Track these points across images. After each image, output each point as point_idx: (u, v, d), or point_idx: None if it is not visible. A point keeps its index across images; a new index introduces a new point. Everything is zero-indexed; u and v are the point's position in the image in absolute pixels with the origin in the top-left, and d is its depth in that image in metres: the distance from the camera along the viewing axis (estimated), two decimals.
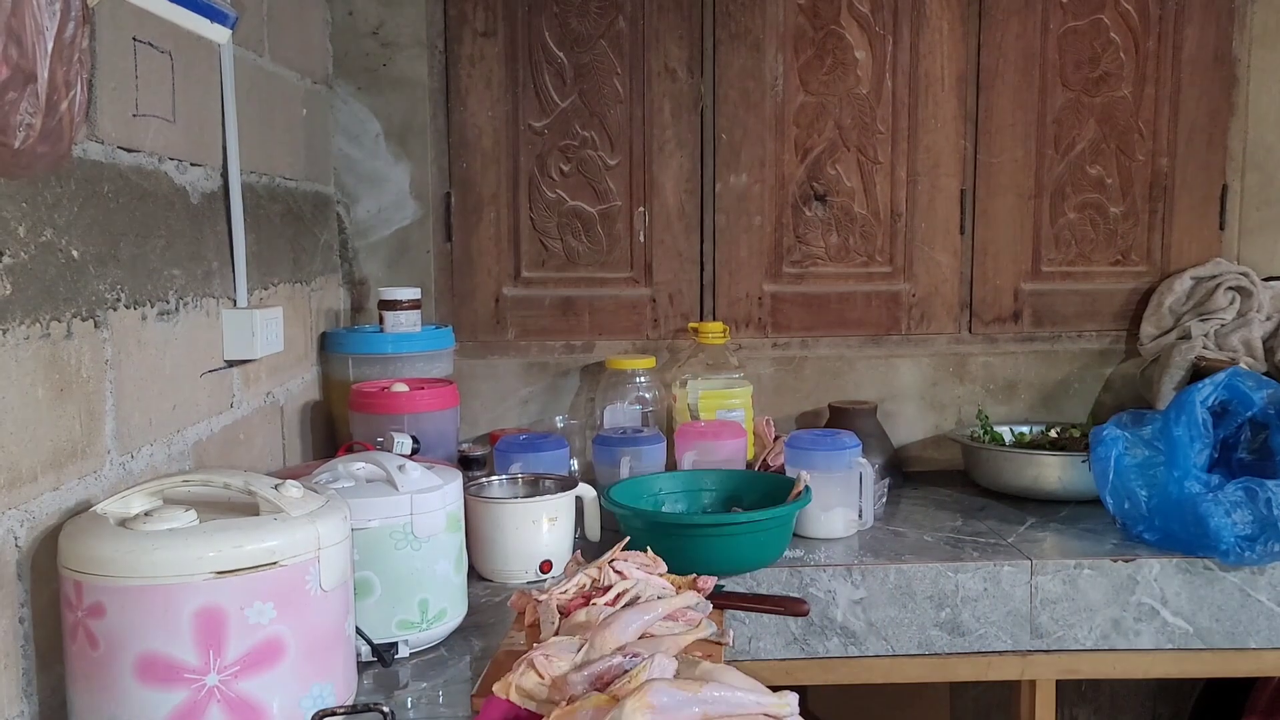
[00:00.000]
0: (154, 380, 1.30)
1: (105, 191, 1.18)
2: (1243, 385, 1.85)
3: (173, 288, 1.36)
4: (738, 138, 2.30)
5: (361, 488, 1.33)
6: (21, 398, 1.01)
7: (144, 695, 0.99)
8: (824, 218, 2.35)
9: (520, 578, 1.60)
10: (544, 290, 2.32)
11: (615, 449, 1.94)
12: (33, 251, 1.03)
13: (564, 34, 2.26)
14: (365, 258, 2.25)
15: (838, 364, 2.36)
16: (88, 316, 1.14)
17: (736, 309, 2.34)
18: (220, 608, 1.00)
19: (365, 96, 2.21)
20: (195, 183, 1.44)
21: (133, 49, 1.25)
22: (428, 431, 1.79)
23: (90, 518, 1.06)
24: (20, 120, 0.90)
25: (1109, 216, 2.39)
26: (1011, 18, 2.31)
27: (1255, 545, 1.70)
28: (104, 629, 0.99)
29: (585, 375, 2.34)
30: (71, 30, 0.96)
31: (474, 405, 2.28)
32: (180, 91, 1.38)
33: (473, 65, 2.25)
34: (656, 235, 2.32)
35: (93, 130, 1.15)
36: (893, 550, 1.81)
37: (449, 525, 1.36)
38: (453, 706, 1.23)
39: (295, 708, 1.05)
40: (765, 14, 2.27)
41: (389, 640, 1.31)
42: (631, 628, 1.24)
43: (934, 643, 1.74)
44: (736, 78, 2.29)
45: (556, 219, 2.31)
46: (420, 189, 2.25)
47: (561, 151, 2.29)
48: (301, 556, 1.06)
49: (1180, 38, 2.35)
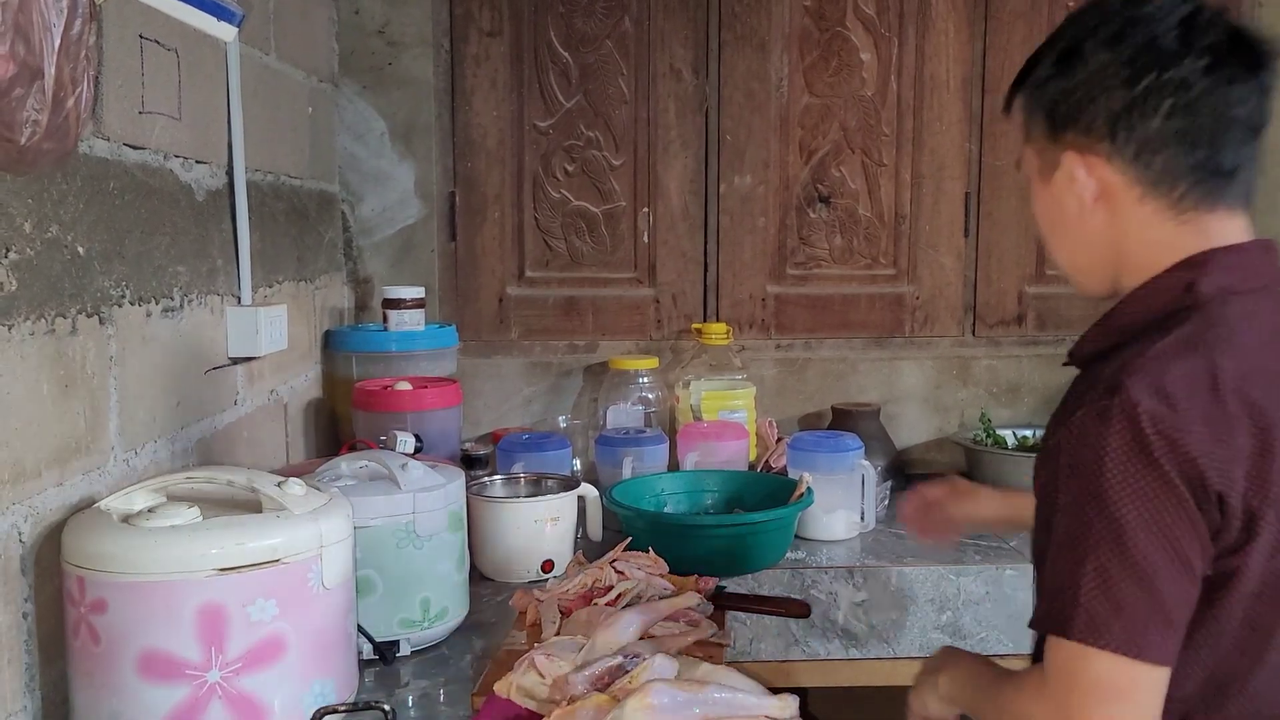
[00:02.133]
0: (158, 377, 1.30)
1: (111, 188, 1.18)
2: None
3: (177, 285, 1.36)
4: (742, 139, 2.30)
5: (364, 486, 1.33)
6: (26, 393, 1.01)
7: (146, 691, 0.99)
8: (828, 219, 2.34)
9: (522, 577, 1.61)
10: (547, 290, 2.33)
11: (618, 449, 1.94)
12: (38, 247, 1.04)
13: (569, 34, 2.26)
14: (369, 256, 2.26)
15: (840, 366, 2.36)
16: (93, 313, 1.14)
17: (740, 310, 2.34)
18: (222, 604, 1.00)
19: (370, 95, 2.22)
20: (200, 180, 1.44)
21: (139, 46, 1.25)
22: (430, 430, 1.79)
23: (94, 513, 1.06)
24: (27, 117, 0.90)
25: None
26: (1017, 20, 2.31)
27: None
28: (106, 625, 0.99)
29: (588, 375, 2.34)
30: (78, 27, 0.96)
31: (477, 404, 2.28)
32: (186, 89, 1.38)
33: (478, 65, 2.25)
34: (660, 236, 2.32)
35: (99, 127, 1.16)
36: (894, 553, 1.81)
37: (451, 524, 1.37)
38: (453, 705, 1.23)
39: (296, 705, 1.05)
40: (771, 15, 2.27)
41: (390, 638, 1.32)
42: (632, 628, 1.24)
43: (935, 645, 1.74)
44: (741, 79, 2.29)
45: (560, 219, 2.31)
46: (425, 188, 2.25)
47: (566, 151, 2.29)
48: (304, 554, 1.06)
49: None
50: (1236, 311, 0.94)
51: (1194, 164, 0.95)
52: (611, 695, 1.05)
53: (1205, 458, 0.87)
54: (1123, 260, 1.00)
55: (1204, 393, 0.88)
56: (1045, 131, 1.01)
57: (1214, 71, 0.93)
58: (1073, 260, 1.05)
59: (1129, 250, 0.99)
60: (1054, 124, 1.00)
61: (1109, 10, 0.97)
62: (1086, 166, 0.98)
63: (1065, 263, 1.06)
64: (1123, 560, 0.87)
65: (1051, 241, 1.06)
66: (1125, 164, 0.96)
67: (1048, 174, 1.02)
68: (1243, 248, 0.97)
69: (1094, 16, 0.98)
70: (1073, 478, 0.90)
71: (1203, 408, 0.88)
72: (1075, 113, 0.97)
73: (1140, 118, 0.94)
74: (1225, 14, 0.95)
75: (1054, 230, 1.05)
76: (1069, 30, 1.00)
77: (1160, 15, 0.94)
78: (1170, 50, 0.93)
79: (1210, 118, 0.94)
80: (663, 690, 1.01)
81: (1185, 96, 0.93)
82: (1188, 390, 0.88)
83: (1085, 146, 0.98)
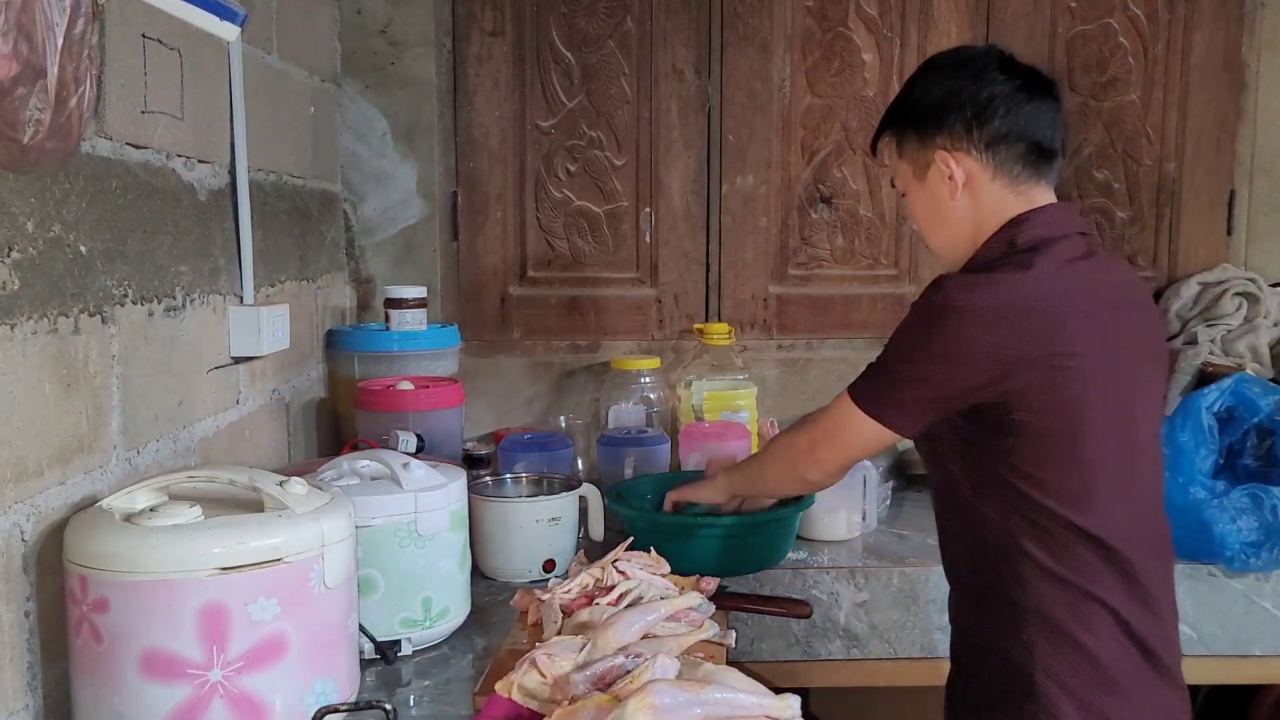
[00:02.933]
0: (160, 376, 1.30)
1: (113, 188, 1.19)
2: (1249, 391, 1.84)
3: (179, 284, 1.36)
4: (744, 139, 2.30)
5: (366, 485, 1.33)
6: (29, 393, 1.01)
7: (147, 690, 0.99)
8: (830, 220, 2.34)
9: (523, 577, 1.61)
10: (550, 290, 2.33)
11: (619, 449, 1.94)
12: (41, 247, 1.04)
13: (572, 34, 2.26)
14: (371, 256, 2.26)
15: (842, 366, 2.36)
16: (95, 312, 1.14)
17: (742, 310, 2.34)
18: (224, 604, 1.00)
19: (373, 95, 2.22)
20: (203, 180, 1.44)
21: (142, 46, 1.25)
22: (432, 430, 1.80)
23: (96, 513, 1.06)
24: (29, 116, 0.90)
25: (1116, 221, 2.39)
26: (1020, 21, 2.31)
27: (1260, 552, 1.70)
28: (108, 624, 1.00)
29: (590, 375, 2.34)
30: (81, 27, 0.96)
31: (479, 404, 2.28)
32: (189, 88, 1.38)
33: (480, 65, 2.25)
34: (662, 236, 2.32)
35: (101, 127, 1.16)
36: (896, 553, 1.81)
37: (453, 524, 1.37)
38: (455, 705, 1.23)
39: (298, 704, 1.05)
40: (773, 15, 2.27)
41: (392, 638, 1.32)
42: (634, 628, 1.24)
43: (937, 646, 1.74)
44: (744, 79, 2.29)
45: (563, 219, 2.31)
46: (427, 188, 2.26)
47: (568, 151, 2.29)
48: (305, 553, 1.06)
49: (1189, 42, 2.34)
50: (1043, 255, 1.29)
51: (1022, 151, 1.33)
52: (613, 695, 1.05)
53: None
54: (979, 229, 1.36)
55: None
56: (917, 143, 1.37)
57: (1025, 90, 1.33)
58: (946, 239, 1.40)
59: (983, 219, 1.35)
60: (923, 135, 1.36)
61: (945, 60, 1.39)
62: (955, 159, 1.34)
63: (940, 243, 1.42)
64: (902, 368, 1.32)
65: (929, 229, 1.42)
66: (980, 154, 1.34)
67: (922, 174, 1.38)
68: (1051, 207, 1.36)
69: (936, 66, 1.39)
70: (909, 322, 1.33)
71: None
72: (939, 123, 1.34)
73: (986, 120, 1.32)
74: (1017, 58, 1.37)
75: (930, 218, 1.40)
76: (921, 78, 1.39)
77: (984, 57, 1.35)
78: (997, 78, 1.33)
79: (1029, 120, 1.33)
80: (664, 690, 1.01)
81: (1011, 105, 1.32)
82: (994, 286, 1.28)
83: (951, 145, 1.34)
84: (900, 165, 1.42)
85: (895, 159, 1.43)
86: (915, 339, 1.30)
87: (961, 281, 1.29)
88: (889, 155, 1.44)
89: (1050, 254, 1.28)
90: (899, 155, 1.42)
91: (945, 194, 1.36)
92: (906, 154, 1.40)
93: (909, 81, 1.42)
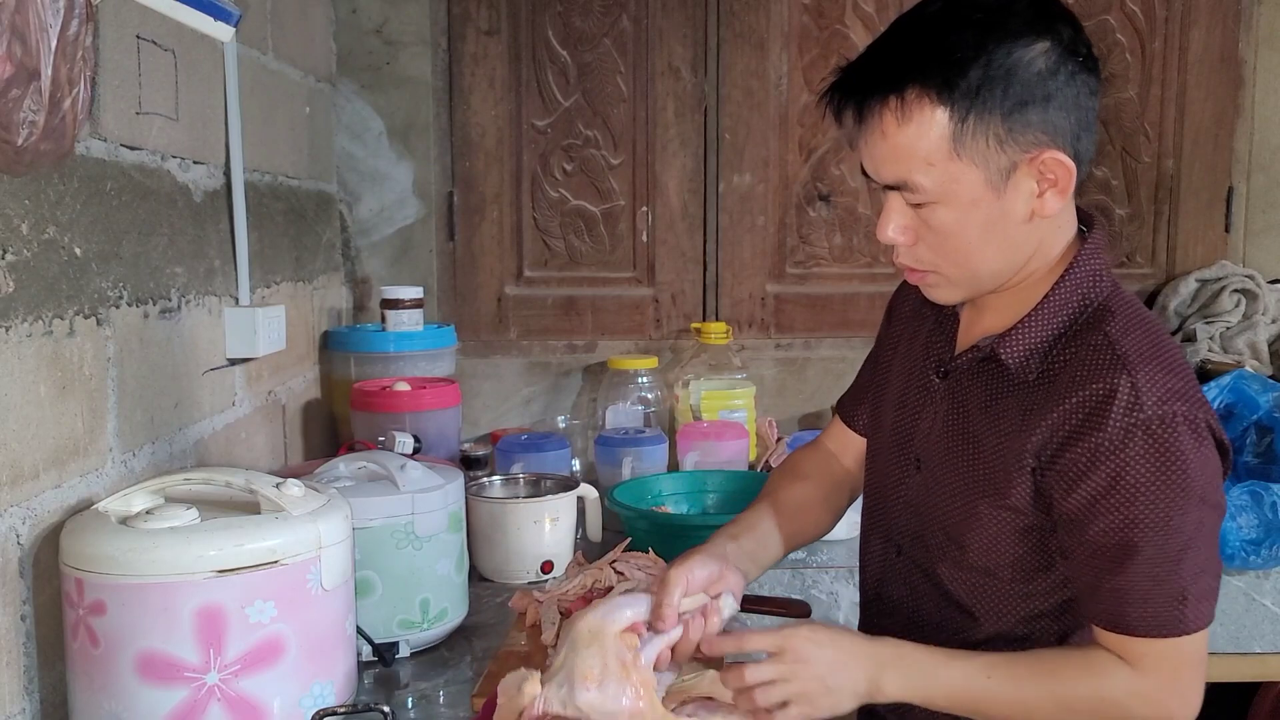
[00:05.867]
0: (156, 378, 1.30)
1: (108, 189, 1.18)
2: (1248, 388, 1.84)
3: (175, 286, 1.35)
4: (741, 137, 2.30)
5: (363, 487, 1.33)
6: (24, 395, 1.01)
7: (144, 693, 0.99)
8: (828, 218, 2.34)
9: (521, 578, 1.60)
10: (546, 290, 2.32)
11: (617, 449, 1.93)
12: (35, 249, 1.03)
13: (567, 33, 2.25)
14: (367, 256, 2.25)
15: (841, 365, 2.35)
16: (90, 314, 1.14)
17: (739, 309, 2.34)
18: (221, 606, 1.00)
19: (368, 95, 2.21)
20: (198, 181, 1.44)
21: (136, 47, 1.25)
22: (429, 431, 1.79)
23: (92, 515, 1.06)
24: (24, 117, 0.90)
25: (1114, 218, 2.38)
26: None
27: (1260, 549, 1.70)
28: (105, 627, 0.99)
29: (587, 375, 2.33)
30: (75, 28, 0.96)
31: (476, 405, 2.28)
32: (183, 89, 1.38)
33: (476, 64, 2.25)
34: (659, 235, 2.31)
35: (96, 128, 1.15)
36: None
37: (450, 525, 1.36)
38: (453, 706, 1.23)
39: (295, 706, 1.05)
40: (769, 13, 2.27)
41: (390, 640, 1.31)
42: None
43: None
44: (740, 77, 2.28)
45: (559, 218, 2.30)
46: (423, 188, 2.25)
47: (564, 151, 2.28)
48: (302, 555, 1.05)
49: (1186, 39, 2.34)
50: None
51: (1092, 142, 1.03)
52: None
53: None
54: (1039, 250, 1.06)
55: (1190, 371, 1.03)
56: (1002, 134, 0.98)
57: (1082, 72, 1.00)
58: (994, 265, 1.05)
59: (1046, 238, 1.05)
60: (1017, 126, 0.98)
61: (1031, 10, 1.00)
62: (1056, 160, 0.99)
63: (986, 269, 1.05)
64: (1211, 555, 1.02)
65: (980, 251, 1.03)
66: (1070, 150, 1.00)
67: (1000, 182, 0.99)
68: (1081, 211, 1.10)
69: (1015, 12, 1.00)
70: (1149, 487, 0.98)
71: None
72: (1043, 113, 0.98)
73: (1068, 109, 0.99)
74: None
75: (987, 238, 1.02)
76: (995, 33, 0.98)
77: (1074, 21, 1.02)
78: (1058, 52, 0.98)
79: (1090, 109, 1.02)
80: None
81: (1086, 90, 1.00)
82: (1190, 378, 1.02)
83: (1048, 144, 0.99)
84: (954, 168, 0.98)
85: (948, 157, 0.98)
86: (1189, 516, 0.99)
87: (1185, 418, 0.98)
88: (926, 144, 0.98)
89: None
90: (955, 152, 0.98)
91: (1022, 213, 1.01)
92: (971, 149, 0.98)
93: (959, 36, 0.99)
